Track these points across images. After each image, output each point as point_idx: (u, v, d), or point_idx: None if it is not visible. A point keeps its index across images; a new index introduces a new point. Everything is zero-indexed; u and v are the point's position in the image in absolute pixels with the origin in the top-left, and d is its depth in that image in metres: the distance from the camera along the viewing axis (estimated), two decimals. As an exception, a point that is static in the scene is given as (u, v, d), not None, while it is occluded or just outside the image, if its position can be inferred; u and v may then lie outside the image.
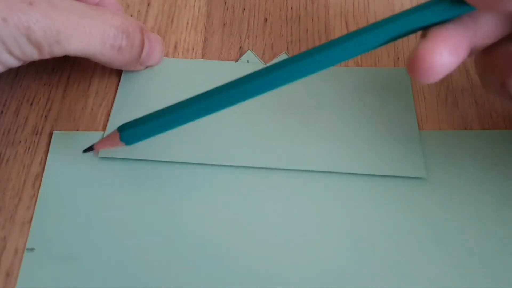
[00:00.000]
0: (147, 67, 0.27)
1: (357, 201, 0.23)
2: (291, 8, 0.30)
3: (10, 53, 0.21)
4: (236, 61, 0.27)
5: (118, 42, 0.23)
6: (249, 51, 0.28)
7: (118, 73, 0.27)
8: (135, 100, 0.26)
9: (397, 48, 0.29)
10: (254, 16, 0.30)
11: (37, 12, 0.20)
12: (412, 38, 0.29)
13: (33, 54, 0.21)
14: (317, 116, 0.25)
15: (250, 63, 0.27)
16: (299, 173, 0.24)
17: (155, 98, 0.26)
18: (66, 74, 0.27)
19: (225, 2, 0.30)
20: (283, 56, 0.27)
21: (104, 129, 0.25)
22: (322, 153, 0.24)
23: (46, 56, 0.22)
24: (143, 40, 0.24)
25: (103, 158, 0.24)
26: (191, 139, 0.24)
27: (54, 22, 0.21)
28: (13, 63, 0.22)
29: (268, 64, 0.27)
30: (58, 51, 0.22)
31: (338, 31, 0.29)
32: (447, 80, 0.27)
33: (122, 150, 0.24)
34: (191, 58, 0.28)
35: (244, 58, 0.27)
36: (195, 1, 0.30)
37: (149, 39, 0.25)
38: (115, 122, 0.25)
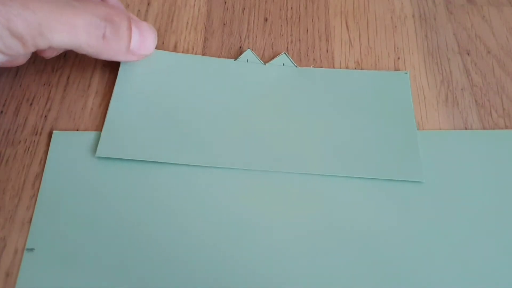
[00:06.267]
0: (142, 57, 0.26)
1: (355, 204, 0.23)
2: (291, 8, 0.30)
3: None
4: (236, 59, 0.27)
5: (102, 31, 0.23)
6: (248, 50, 0.27)
7: (118, 72, 0.27)
8: (132, 95, 0.26)
9: (397, 48, 0.29)
10: (254, 16, 0.30)
11: (17, 4, 0.20)
12: (413, 39, 0.29)
13: (17, 48, 0.21)
14: (315, 119, 0.25)
15: (249, 63, 0.27)
16: (296, 176, 0.24)
17: (153, 94, 0.26)
18: (66, 74, 0.27)
19: (225, 2, 0.30)
20: (283, 57, 0.27)
21: (104, 129, 0.25)
22: (320, 156, 0.24)
23: (31, 49, 0.21)
24: (130, 29, 0.24)
25: (102, 158, 0.24)
26: (189, 141, 0.24)
27: (35, 14, 0.20)
28: None
29: (268, 64, 0.27)
30: (43, 44, 0.21)
31: (338, 31, 0.29)
32: (447, 80, 0.27)
33: (121, 151, 0.24)
34: (191, 58, 0.28)
35: (243, 57, 0.27)
36: (195, 1, 0.30)
37: (138, 27, 0.24)
38: (112, 118, 0.25)
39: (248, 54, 0.27)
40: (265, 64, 0.27)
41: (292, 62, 0.27)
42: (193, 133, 0.25)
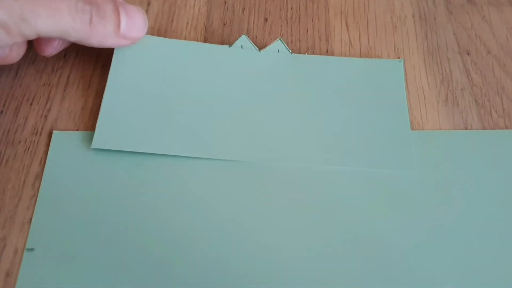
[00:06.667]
0: (134, 40, 0.26)
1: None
2: (291, 8, 0.30)
3: None
4: (230, 45, 0.27)
5: (87, 15, 0.22)
6: (243, 35, 0.27)
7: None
8: (126, 85, 0.25)
9: (397, 48, 0.29)
10: (254, 16, 0.30)
11: None
12: (413, 39, 0.29)
13: (2, 37, 0.21)
14: (309, 108, 0.25)
15: (244, 49, 0.27)
16: (289, 166, 0.24)
17: (147, 82, 0.26)
18: (66, 74, 0.27)
19: (225, 2, 0.30)
20: (278, 43, 0.27)
21: (104, 129, 0.25)
22: (313, 147, 0.24)
23: (18, 38, 0.21)
24: (117, 11, 0.23)
25: (101, 158, 0.24)
26: (184, 132, 0.24)
27: (15, 0, 0.20)
28: None
29: (262, 50, 0.27)
30: (29, 31, 0.21)
31: (338, 31, 0.29)
32: (447, 80, 0.27)
33: (116, 142, 0.24)
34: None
35: (238, 42, 0.27)
36: (195, 1, 0.30)
37: (125, 9, 0.24)
38: (107, 109, 0.25)
39: (243, 39, 0.27)
40: (259, 51, 0.27)
41: (287, 49, 0.27)
42: (187, 123, 0.25)
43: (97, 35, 0.23)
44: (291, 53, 0.27)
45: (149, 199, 0.23)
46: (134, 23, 0.25)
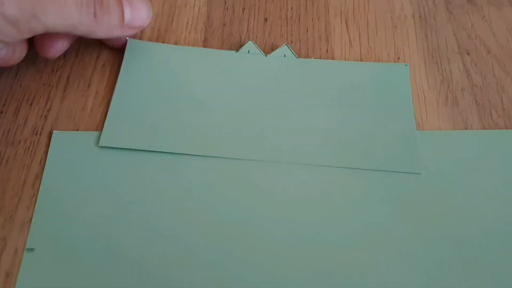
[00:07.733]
0: (139, 29, 0.26)
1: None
2: (291, 8, 0.30)
3: None
4: (237, 51, 0.27)
5: (91, 8, 0.23)
6: (250, 41, 0.27)
7: (118, 72, 0.27)
8: (135, 87, 0.26)
9: (397, 48, 0.29)
10: (254, 16, 0.30)
11: None
12: (413, 39, 0.29)
13: (11, 33, 0.21)
14: (315, 110, 0.26)
15: (251, 54, 0.27)
16: (295, 166, 0.24)
17: (155, 85, 0.26)
18: (66, 74, 0.27)
19: (225, 2, 0.30)
20: (284, 48, 0.27)
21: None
22: (319, 147, 0.24)
23: (26, 34, 0.21)
24: (120, 2, 0.24)
25: (102, 158, 0.24)
26: (191, 132, 0.24)
27: None
28: None
29: (269, 55, 0.27)
30: (38, 27, 0.21)
31: (338, 31, 0.29)
32: (447, 80, 0.27)
33: (124, 141, 0.24)
34: (191, 58, 0.28)
35: (245, 48, 0.27)
36: (195, 1, 0.30)
37: (129, 0, 0.24)
38: (115, 109, 0.25)
39: (249, 45, 0.27)
40: (266, 56, 0.27)
41: (293, 53, 0.27)
42: (194, 123, 0.25)
43: (103, 28, 0.24)
44: (297, 58, 0.27)
45: (150, 198, 0.23)
46: (138, 12, 0.25)
